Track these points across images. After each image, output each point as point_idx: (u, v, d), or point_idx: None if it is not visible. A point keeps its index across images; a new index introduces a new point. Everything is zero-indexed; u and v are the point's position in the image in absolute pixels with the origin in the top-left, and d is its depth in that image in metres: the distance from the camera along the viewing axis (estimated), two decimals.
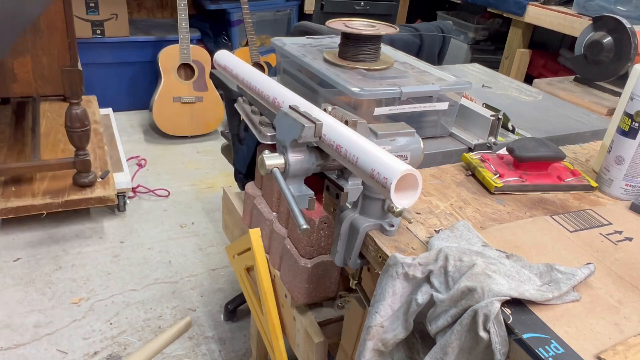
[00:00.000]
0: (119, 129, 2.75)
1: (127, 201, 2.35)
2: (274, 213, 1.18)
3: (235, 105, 1.06)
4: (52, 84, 1.83)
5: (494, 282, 0.56)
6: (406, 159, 0.69)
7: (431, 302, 0.60)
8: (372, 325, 0.64)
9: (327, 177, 0.73)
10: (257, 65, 3.01)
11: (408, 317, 0.62)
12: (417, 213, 0.75)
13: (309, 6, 3.41)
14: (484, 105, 1.06)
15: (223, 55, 0.90)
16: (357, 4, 3.39)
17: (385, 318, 0.63)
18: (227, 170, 2.68)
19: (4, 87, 1.78)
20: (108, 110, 2.88)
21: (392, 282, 0.62)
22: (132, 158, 2.72)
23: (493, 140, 0.96)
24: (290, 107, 0.67)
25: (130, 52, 3.04)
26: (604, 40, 1.34)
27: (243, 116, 1.01)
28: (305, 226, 0.56)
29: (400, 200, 0.41)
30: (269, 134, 0.91)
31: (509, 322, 0.55)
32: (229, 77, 0.88)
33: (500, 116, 0.96)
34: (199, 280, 1.96)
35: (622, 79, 1.21)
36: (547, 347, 0.52)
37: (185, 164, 2.77)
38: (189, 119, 2.93)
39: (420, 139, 0.70)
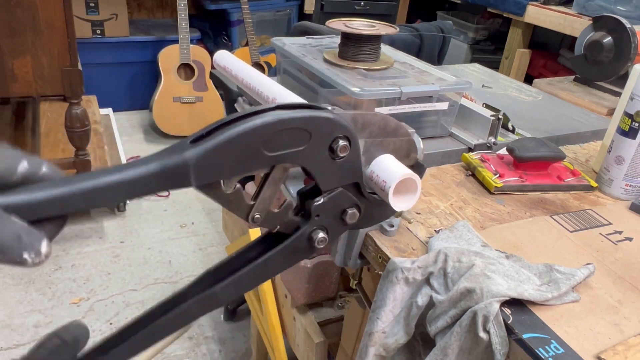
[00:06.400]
0: (119, 129, 2.75)
1: (127, 201, 2.35)
2: None
3: (235, 105, 1.05)
4: (52, 84, 1.83)
5: (493, 283, 0.56)
6: None
7: (432, 304, 0.60)
8: (373, 331, 0.64)
9: None
10: (257, 65, 3.01)
11: (409, 322, 0.62)
12: (417, 213, 0.75)
13: (309, 6, 3.41)
14: (484, 105, 1.06)
15: (222, 56, 0.90)
16: (357, 4, 3.39)
17: (387, 324, 0.63)
18: None
19: (4, 87, 1.78)
20: (108, 110, 2.88)
21: (393, 288, 0.61)
22: (132, 158, 2.71)
23: (493, 140, 0.96)
24: None
25: (130, 52, 3.04)
26: (604, 40, 1.33)
27: None
28: None
29: (399, 204, 0.41)
30: None
31: (508, 322, 0.54)
32: (228, 77, 0.88)
33: (500, 116, 0.96)
34: None
35: (622, 79, 1.21)
36: (547, 347, 0.52)
37: None
38: (189, 119, 2.93)
39: (420, 139, 0.70)
